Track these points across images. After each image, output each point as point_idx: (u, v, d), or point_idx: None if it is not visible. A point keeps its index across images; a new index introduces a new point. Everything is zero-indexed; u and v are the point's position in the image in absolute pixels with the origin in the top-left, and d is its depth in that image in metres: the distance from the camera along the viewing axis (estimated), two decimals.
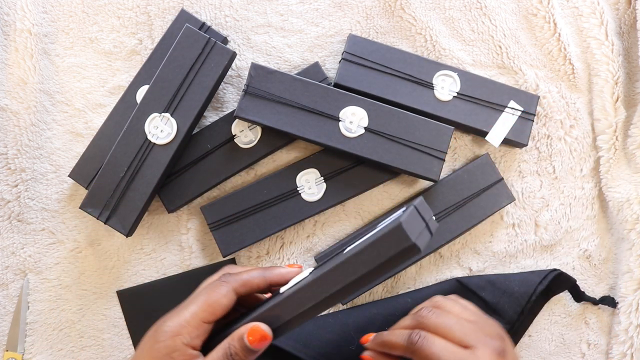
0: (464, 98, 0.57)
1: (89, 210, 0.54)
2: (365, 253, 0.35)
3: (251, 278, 0.41)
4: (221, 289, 0.40)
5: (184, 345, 0.38)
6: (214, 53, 0.54)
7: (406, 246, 0.34)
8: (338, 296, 0.37)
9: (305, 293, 0.38)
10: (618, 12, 0.61)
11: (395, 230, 0.34)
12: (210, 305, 0.39)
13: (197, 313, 0.39)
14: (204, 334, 0.39)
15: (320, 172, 0.57)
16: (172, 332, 0.38)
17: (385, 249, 0.34)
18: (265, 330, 0.38)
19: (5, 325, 0.58)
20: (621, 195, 0.58)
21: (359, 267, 0.36)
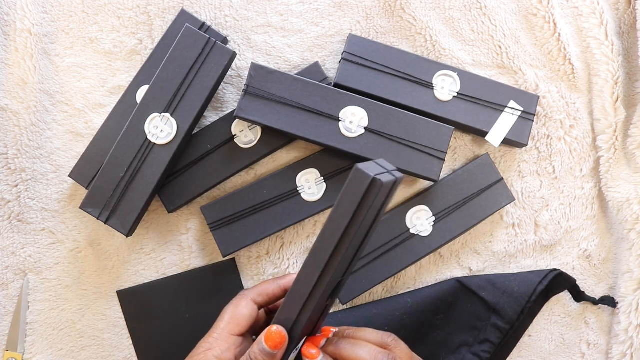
0: (464, 98, 0.57)
1: (89, 210, 0.54)
2: (337, 210, 0.36)
3: (265, 286, 0.45)
4: (240, 302, 0.44)
5: (215, 357, 0.41)
6: (214, 53, 0.54)
7: (369, 182, 0.35)
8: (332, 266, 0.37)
9: (302, 279, 0.39)
10: (618, 12, 0.61)
11: (354, 174, 0.35)
12: (233, 317, 0.43)
13: (224, 327, 0.43)
14: (234, 346, 0.42)
15: (320, 172, 0.57)
16: (206, 347, 0.42)
17: (352, 195, 0.36)
18: (280, 331, 0.40)
19: (5, 325, 0.58)
20: (621, 195, 0.58)
21: (337, 225, 0.36)
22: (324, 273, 0.38)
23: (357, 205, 0.36)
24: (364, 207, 0.36)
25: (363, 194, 0.35)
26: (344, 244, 0.37)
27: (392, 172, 0.38)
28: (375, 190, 0.35)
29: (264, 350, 0.40)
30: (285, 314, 0.40)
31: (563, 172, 0.60)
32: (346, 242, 0.37)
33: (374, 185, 0.35)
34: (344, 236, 0.37)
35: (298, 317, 0.40)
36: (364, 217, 0.36)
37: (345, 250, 0.37)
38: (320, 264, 0.38)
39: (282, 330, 0.40)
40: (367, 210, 0.36)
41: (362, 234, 0.39)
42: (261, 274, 0.58)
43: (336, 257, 0.37)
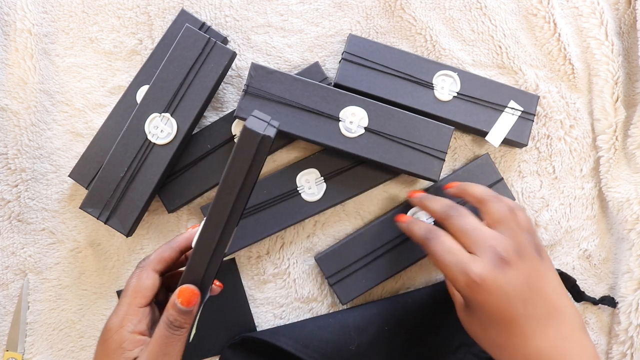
0: (464, 98, 0.57)
1: (89, 210, 0.54)
2: (233, 167, 0.40)
3: (161, 252, 0.45)
4: (141, 274, 0.44)
5: (130, 333, 0.42)
6: (214, 53, 0.54)
7: (259, 140, 0.39)
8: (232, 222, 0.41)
9: (205, 233, 0.41)
10: (618, 12, 0.61)
11: (244, 133, 0.39)
12: (137, 291, 0.43)
13: (130, 302, 0.43)
14: (144, 318, 0.43)
15: (320, 172, 0.57)
16: (117, 326, 0.42)
17: (245, 153, 0.39)
18: (191, 288, 0.41)
19: (5, 325, 0.58)
20: (621, 195, 0.58)
21: (233, 184, 0.40)
22: (225, 229, 0.41)
23: (250, 163, 0.39)
24: (255, 164, 0.40)
25: (255, 152, 0.39)
26: (241, 200, 0.41)
27: (270, 122, 0.41)
28: (265, 146, 0.39)
29: (180, 309, 0.41)
30: (193, 273, 0.42)
31: (563, 172, 0.60)
32: (242, 198, 0.40)
33: (264, 141, 0.39)
34: (240, 193, 0.40)
35: (205, 272, 0.42)
36: (257, 171, 0.40)
37: (242, 205, 0.41)
38: (221, 221, 0.41)
39: (193, 287, 0.42)
40: (259, 165, 0.40)
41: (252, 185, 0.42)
42: (261, 274, 0.58)
43: (235, 214, 0.41)
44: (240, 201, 0.41)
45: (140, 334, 0.42)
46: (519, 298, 0.43)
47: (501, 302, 0.42)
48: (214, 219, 0.41)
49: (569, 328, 0.43)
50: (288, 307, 0.58)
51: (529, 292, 0.43)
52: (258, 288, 0.58)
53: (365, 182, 0.57)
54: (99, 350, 0.42)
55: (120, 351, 0.41)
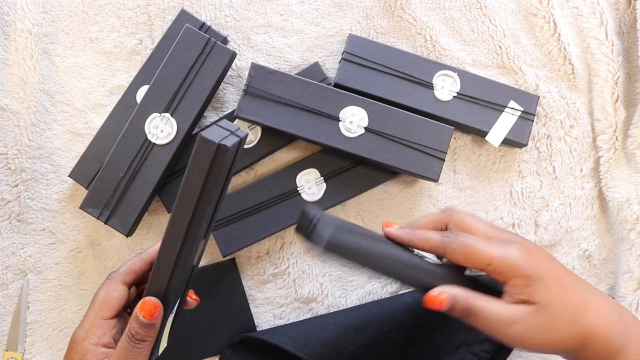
0: (464, 98, 0.57)
1: (89, 210, 0.54)
2: (190, 177, 0.38)
3: (131, 264, 0.45)
4: (109, 286, 0.44)
5: (94, 345, 0.42)
6: (214, 53, 0.54)
7: (214, 149, 0.37)
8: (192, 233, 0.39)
9: (165, 247, 0.40)
10: (618, 12, 0.61)
11: (199, 143, 0.37)
12: (104, 303, 0.43)
13: (95, 314, 0.43)
14: (109, 330, 0.43)
15: (320, 172, 0.57)
16: (81, 337, 0.42)
17: (200, 164, 0.37)
18: (153, 301, 0.41)
19: (5, 325, 0.58)
20: (621, 195, 0.58)
21: (190, 195, 0.38)
22: (186, 240, 0.40)
23: (207, 173, 0.38)
24: (213, 174, 0.38)
25: (210, 161, 0.37)
26: (200, 211, 0.39)
27: (235, 132, 0.40)
28: (222, 156, 0.37)
29: (142, 322, 0.41)
30: (156, 285, 0.41)
31: (563, 172, 0.60)
32: (202, 209, 0.39)
33: (220, 151, 0.37)
34: (199, 204, 0.39)
35: (168, 284, 0.41)
36: (216, 182, 0.38)
37: (202, 215, 0.39)
38: (180, 232, 0.39)
39: (155, 300, 0.41)
40: (217, 175, 0.38)
41: (216, 195, 0.41)
42: (261, 274, 0.58)
43: (195, 224, 0.39)
44: (201, 211, 0.39)
45: (104, 346, 0.42)
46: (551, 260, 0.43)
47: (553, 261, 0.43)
48: (173, 230, 0.40)
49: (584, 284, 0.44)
50: (288, 307, 0.58)
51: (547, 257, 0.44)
52: (258, 288, 0.58)
53: (365, 182, 0.57)
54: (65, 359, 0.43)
55: None
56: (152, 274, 0.41)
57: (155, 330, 0.41)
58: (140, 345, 0.41)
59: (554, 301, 0.41)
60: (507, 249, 0.41)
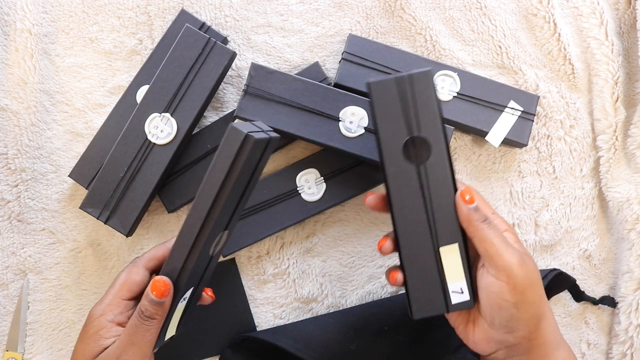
0: (464, 98, 0.57)
1: (89, 210, 0.54)
2: (215, 165, 0.40)
3: (155, 251, 0.46)
4: (132, 269, 0.45)
5: (109, 322, 0.43)
6: (214, 53, 0.54)
7: (242, 138, 0.39)
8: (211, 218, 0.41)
9: (184, 230, 0.42)
10: (618, 12, 0.61)
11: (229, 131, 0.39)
12: (124, 284, 0.44)
13: (115, 293, 0.44)
14: (126, 310, 0.44)
15: (320, 172, 0.57)
16: (98, 313, 0.44)
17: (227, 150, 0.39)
18: (164, 280, 0.42)
19: (5, 325, 0.58)
20: (621, 195, 0.58)
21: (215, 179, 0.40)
22: (205, 225, 0.41)
23: (233, 160, 0.39)
24: (238, 162, 0.39)
25: (237, 149, 0.39)
26: (222, 197, 0.40)
27: (267, 131, 0.41)
28: (248, 146, 0.39)
29: (152, 300, 0.42)
30: (170, 265, 0.43)
31: (563, 172, 0.60)
32: (224, 195, 0.40)
33: (247, 141, 0.39)
34: (222, 190, 0.40)
35: (183, 267, 0.42)
36: (240, 172, 0.40)
37: (223, 203, 0.40)
38: (200, 215, 0.41)
39: (166, 279, 0.42)
40: (242, 165, 0.39)
41: (240, 188, 0.42)
42: (261, 274, 0.58)
43: (215, 210, 0.40)
44: (222, 198, 0.40)
45: (119, 324, 0.44)
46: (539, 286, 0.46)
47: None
48: (194, 214, 0.41)
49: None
50: (288, 307, 0.58)
51: None
52: (258, 288, 0.58)
53: (365, 182, 0.57)
54: (81, 333, 0.44)
55: (96, 337, 0.43)
56: (169, 256, 0.43)
57: (165, 310, 0.43)
58: (148, 323, 0.42)
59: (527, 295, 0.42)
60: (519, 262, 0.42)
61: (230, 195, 0.41)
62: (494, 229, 0.43)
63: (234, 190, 0.41)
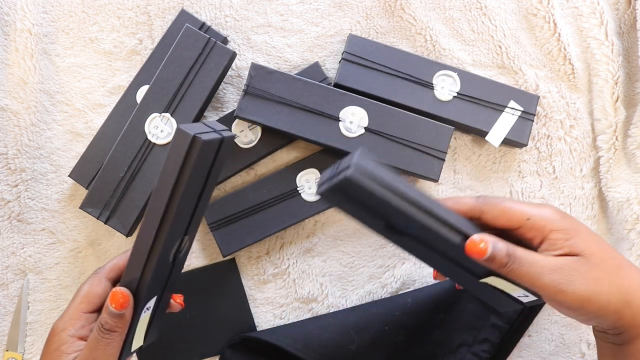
0: (464, 98, 0.57)
1: (89, 210, 0.54)
2: (165, 168, 0.38)
3: (117, 261, 0.46)
4: (93, 280, 0.44)
5: (71, 337, 0.42)
6: (214, 53, 0.54)
7: (189, 141, 0.37)
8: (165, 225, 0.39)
9: (139, 238, 0.41)
10: (618, 12, 0.61)
11: (176, 134, 0.37)
12: (85, 296, 0.44)
13: (76, 306, 0.43)
14: (88, 323, 0.43)
15: (320, 172, 0.57)
16: (60, 328, 0.43)
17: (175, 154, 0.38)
18: (123, 291, 0.42)
19: (5, 325, 0.58)
20: (621, 195, 0.58)
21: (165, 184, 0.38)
22: (159, 232, 0.40)
23: (182, 164, 0.38)
24: (187, 165, 0.38)
25: (185, 152, 0.37)
26: (174, 202, 0.39)
27: (219, 131, 0.40)
28: (196, 148, 0.37)
29: (112, 312, 0.41)
30: (129, 276, 0.42)
31: (563, 172, 0.60)
32: (176, 201, 0.39)
33: (195, 143, 0.37)
34: (173, 195, 0.39)
35: (141, 277, 0.41)
36: (191, 175, 0.38)
37: (176, 208, 0.39)
38: (154, 223, 0.39)
39: (125, 290, 0.42)
40: (191, 168, 0.38)
41: (195, 191, 0.40)
42: (261, 274, 0.58)
43: (168, 216, 0.39)
44: (174, 203, 0.39)
45: (81, 338, 0.43)
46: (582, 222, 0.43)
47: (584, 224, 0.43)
48: (148, 221, 0.40)
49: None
50: (288, 307, 0.58)
51: None
52: (258, 288, 0.58)
53: None
54: (44, 349, 0.44)
55: (58, 353, 0.42)
56: (127, 266, 0.42)
57: (125, 322, 0.42)
58: (109, 336, 0.41)
59: (596, 252, 0.40)
60: (542, 208, 0.41)
61: (184, 200, 0.39)
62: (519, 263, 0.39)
63: (188, 194, 0.39)
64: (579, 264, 0.39)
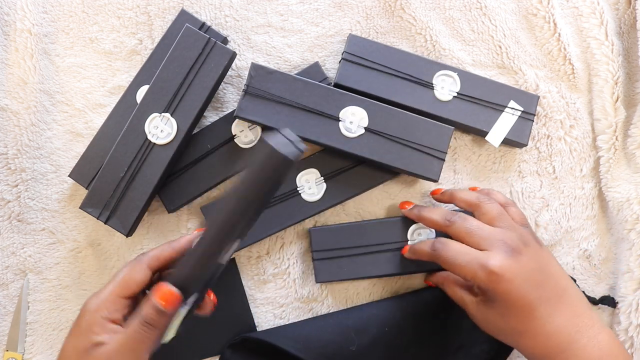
0: (464, 98, 0.57)
1: (89, 210, 0.54)
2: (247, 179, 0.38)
3: (161, 251, 0.46)
4: (135, 266, 0.44)
5: (103, 319, 0.42)
6: (214, 53, 0.54)
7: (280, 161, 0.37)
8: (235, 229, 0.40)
9: (204, 239, 0.41)
10: (618, 12, 0.61)
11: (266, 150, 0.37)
12: (125, 281, 0.44)
13: (114, 290, 0.43)
14: (123, 308, 0.43)
15: (320, 172, 0.57)
16: (93, 309, 0.43)
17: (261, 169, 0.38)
18: (174, 291, 0.42)
19: (5, 325, 0.58)
20: (621, 195, 0.58)
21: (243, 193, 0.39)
22: (224, 237, 0.40)
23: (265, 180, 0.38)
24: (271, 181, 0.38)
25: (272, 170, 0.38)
26: (248, 212, 0.40)
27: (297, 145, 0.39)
28: (286, 168, 0.38)
29: (158, 309, 0.41)
30: (181, 273, 0.42)
31: (563, 172, 0.60)
32: (249, 211, 0.40)
33: (285, 163, 0.38)
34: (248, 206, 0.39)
35: (193, 276, 0.42)
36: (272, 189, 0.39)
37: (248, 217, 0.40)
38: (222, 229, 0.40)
39: (177, 291, 0.42)
40: (273, 185, 0.39)
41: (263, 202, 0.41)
42: (261, 274, 0.58)
43: (239, 224, 0.40)
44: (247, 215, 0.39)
45: (113, 322, 0.43)
46: (535, 282, 0.46)
47: (520, 288, 0.45)
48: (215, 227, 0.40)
49: (579, 305, 0.47)
50: (288, 307, 0.58)
51: (541, 276, 0.46)
52: (258, 288, 0.58)
53: (365, 182, 0.57)
54: (73, 326, 0.44)
55: (88, 333, 0.42)
56: (181, 264, 0.42)
57: (168, 320, 0.42)
58: (150, 331, 0.41)
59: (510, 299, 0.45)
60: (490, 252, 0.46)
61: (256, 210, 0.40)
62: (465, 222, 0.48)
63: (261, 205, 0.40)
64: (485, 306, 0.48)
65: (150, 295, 0.42)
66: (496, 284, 0.45)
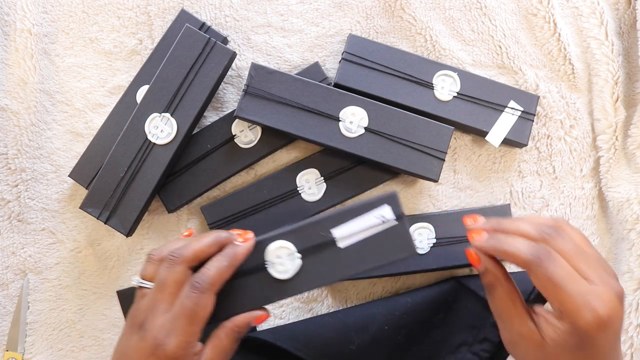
0: (464, 98, 0.57)
1: (89, 210, 0.54)
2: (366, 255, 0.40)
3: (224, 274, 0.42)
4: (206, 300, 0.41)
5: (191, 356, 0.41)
6: (214, 53, 0.54)
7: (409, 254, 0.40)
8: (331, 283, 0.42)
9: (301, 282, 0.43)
10: (618, 12, 0.61)
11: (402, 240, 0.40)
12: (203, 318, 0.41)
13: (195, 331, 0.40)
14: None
15: (320, 172, 0.57)
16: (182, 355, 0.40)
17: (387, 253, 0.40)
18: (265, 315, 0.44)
19: (5, 325, 0.58)
20: (621, 195, 0.58)
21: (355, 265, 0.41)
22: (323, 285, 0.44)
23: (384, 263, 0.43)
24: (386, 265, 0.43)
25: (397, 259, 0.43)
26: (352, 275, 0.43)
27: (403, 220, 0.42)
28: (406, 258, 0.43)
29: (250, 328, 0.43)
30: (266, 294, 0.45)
31: (563, 172, 0.60)
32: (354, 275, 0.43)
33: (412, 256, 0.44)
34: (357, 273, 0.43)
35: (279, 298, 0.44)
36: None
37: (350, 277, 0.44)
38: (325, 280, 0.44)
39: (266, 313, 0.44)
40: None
41: None
42: None
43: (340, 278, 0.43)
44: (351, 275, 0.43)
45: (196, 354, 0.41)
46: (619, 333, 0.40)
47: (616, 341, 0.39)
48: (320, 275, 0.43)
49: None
50: (288, 307, 0.58)
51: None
52: None
53: (365, 182, 0.57)
54: None
55: None
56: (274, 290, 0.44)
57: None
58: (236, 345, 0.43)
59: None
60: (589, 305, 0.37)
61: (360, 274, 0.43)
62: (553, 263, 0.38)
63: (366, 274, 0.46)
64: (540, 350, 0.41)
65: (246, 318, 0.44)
66: (602, 332, 0.37)
